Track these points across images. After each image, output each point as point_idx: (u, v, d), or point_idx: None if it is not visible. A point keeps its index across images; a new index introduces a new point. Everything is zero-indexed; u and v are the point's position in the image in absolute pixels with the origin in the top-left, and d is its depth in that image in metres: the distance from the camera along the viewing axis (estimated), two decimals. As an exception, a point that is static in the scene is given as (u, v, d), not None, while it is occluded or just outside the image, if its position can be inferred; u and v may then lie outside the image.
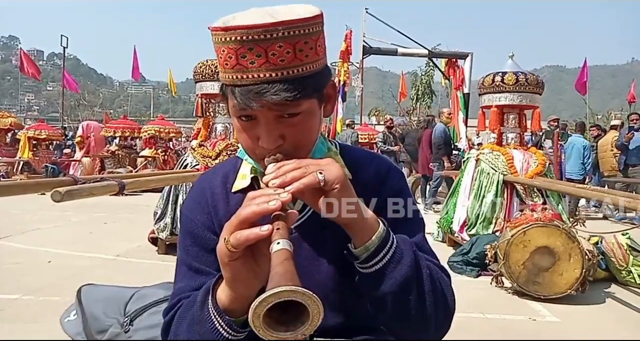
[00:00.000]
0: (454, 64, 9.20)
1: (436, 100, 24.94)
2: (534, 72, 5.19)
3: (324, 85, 0.84)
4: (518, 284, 3.32)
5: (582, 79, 16.76)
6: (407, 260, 0.78)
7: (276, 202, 0.67)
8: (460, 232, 4.65)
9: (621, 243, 3.81)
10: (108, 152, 11.01)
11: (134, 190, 2.62)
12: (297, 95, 0.77)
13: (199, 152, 4.43)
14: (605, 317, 3.12)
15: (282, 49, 0.75)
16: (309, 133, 0.84)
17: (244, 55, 0.76)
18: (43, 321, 2.61)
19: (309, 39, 0.78)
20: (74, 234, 5.24)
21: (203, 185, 0.97)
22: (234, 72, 0.78)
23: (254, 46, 0.75)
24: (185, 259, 0.91)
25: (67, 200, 1.81)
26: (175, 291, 0.91)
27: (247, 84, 0.77)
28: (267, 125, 0.80)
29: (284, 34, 0.75)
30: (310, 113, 0.82)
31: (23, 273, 3.65)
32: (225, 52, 0.77)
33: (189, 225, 0.93)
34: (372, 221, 0.78)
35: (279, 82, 0.76)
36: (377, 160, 0.98)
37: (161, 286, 1.89)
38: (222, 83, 0.85)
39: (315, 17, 0.78)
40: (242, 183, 0.93)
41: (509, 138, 4.93)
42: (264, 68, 0.76)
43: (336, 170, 0.74)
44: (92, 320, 1.83)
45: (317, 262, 0.88)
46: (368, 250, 0.77)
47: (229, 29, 0.75)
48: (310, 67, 0.79)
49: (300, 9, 0.79)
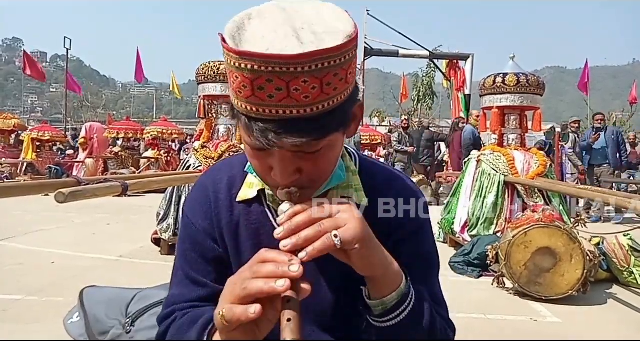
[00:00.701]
0: (455, 65, 9.20)
1: (437, 102, 24.94)
2: (535, 73, 5.19)
3: (351, 114, 0.72)
4: (519, 285, 3.33)
5: (584, 79, 16.76)
6: (422, 322, 0.75)
7: (285, 282, 0.61)
8: (462, 232, 4.65)
9: (623, 244, 3.80)
10: (111, 153, 11.04)
11: (137, 191, 2.64)
12: (321, 134, 0.67)
13: (201, 153, 4.45)
14: (607, 318, 3.12)
15: (307, 84, 0.62)
16: (328, 167, 0.75)
17: (261, 87, 0.63)
18: (45, 322, 2.62)
19: (339, 70, 0.64)
20: (77, 235, 5.25)
21: (207, 186, 0.90)
22: (248, 103, 0.65)
23: (273, 78, 0.62)
24: (183, 265, 0.88)
25: (70, 201, 1.82)
26: (170, 299, 0.88)
27: (263, 118, 0.65)
28: (283, 161, 0.70)
29: (310, 68, 0.61)
30: (332, 146, 0.72)
31: (26, 274, 3.66)
32: (239, 79, 0.64)
33: (189, 229, 0.89)
34: (394, 274, 0.73)
35: (301, 121, 0.64)
36: (397, 184, 0.89)
37: (163, 288, 1.89)
38: (231, 103, 0.72)
39: (350, 42, 0.64)
40: (248, 193, 0.87)
41: (510, 139, 4.93)
42: (285, 104, 0.63)
43: (354, 228, 0.66)
44: (95, 322, 1.84)
45: (321, 278, 0.84)
46: (385, 306, 0.73)
47: (243, 55, 0.62)
48: (339, 99, 0.67)
49: (335, 21, 0.66)
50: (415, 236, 0.87)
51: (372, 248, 0.69)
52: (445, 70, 9.86)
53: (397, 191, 0.87)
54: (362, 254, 0.67)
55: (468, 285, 3.70)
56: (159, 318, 0.88)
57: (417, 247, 0.86)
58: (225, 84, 4.46)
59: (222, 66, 4.44)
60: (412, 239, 0.86)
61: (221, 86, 4.48)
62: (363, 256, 0.68)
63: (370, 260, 0.69)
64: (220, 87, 4.48)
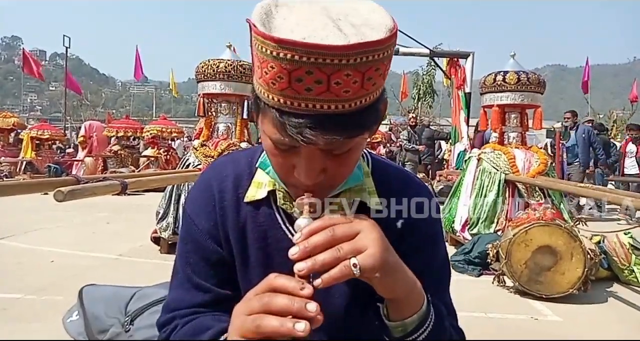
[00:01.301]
0: (456, 64, 9.16)
1: (437, 100, 24.93)
2: (536, 71, 5.18)
3: (382, 113, 0.68)
4: (520, 283, 3.32)
5: (584, 78, 16.77)
6: (439, 338, 0.73)
7: (305, 327, 0.56)
8: (462, 231, 4.64)
9: (623, 243, 3.80)
10: (110, 151, 11.03)
11: (136, 189, 2.63)
12: (357, 133, 0.64)
13: (201, 152, 4.44)
14: (608, 316, 3.11)
15: (350, 78, 0.58)
16: (351, 166, 0.72)
17: (299, 78, 0.58)
18: (45, 320, 2.61)
19: (380, 64, 0.61)
20: (76, 234, 5.25)
21: (211, 184, 0.85)
22: (282, 96, 0.60)
23: (314, 70, 0.57)
24: (184, 267, 0.84)
25: (69, 200, 1.81)
26: (170, 303, 0.85)
27: (297, 113, 0.60)
28: (310, 160, 0.66)
29: (355, 60, 0.57)
30: (359, 145, 0.69)
31: (26, 273, 3.66)
32: (275, 69, 0.58)
33: (191, 230, 0.84)
34: (417, 296, 0.70)
35: (338, 117, 0.61)
36: (411, 186, 0.86)
37: (163, 286, 1.89)
38: (256, 94, 0.66)
39: (392, 36, 0.61)
40: (256, 193, 0.82)
41: (510, 137, 4.92)
42: (323, 98, 0.59)
43: (374, 254, 0.61)
44: (94, 320, 1.84)
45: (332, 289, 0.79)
46: (405, 328, 0.70)
47: (283, 43, 0.56)
48: (374, 95, 0.64)
49: (372, 13, 0.62)
50: (430, 242, 0.84)
51: (393, 274, 0.65)
52: (446, 69, 9.83)
53: (412, 193, 0.84)
54: (382, 280, 0.64)
55: (468, 283, 3.70)
56: (159, 324, 0.85)
57: (432, 255, 0.84)
58: (225, 82, 4.44)
59: (222, 64, 4.43)
60: (426, 246, 0.83)
61: (220, 84, 4.46)
62: (383, 284, 0.65)
63: (392, 286, 0.66)
64: (220, 85, 4.47)
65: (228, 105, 4.65)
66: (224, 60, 4.47)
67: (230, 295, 0.81)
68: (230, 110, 4.66)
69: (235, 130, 4.64)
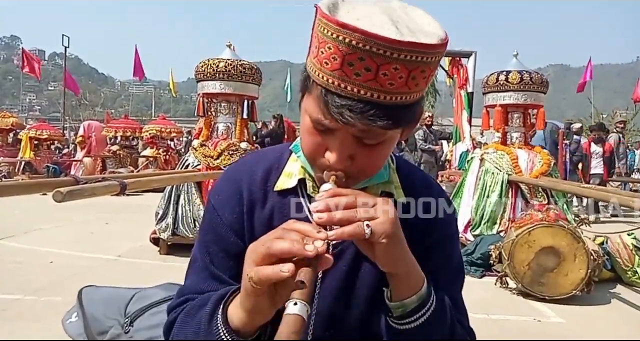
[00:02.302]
0: (458, 63, 9.13)
1: (440, 99, 24.95)
2: (538, 71, 5.17)
3: (418, 116, 0.73)
4: (523, 284, 3.30)
5: (584, 78, 16.77)
6: (442, 328, 0.75)
7: (313, 248, 0.59)
8: (465, 232, 4.62)
9: (627, 244, 3.79)
10: (109, 151, 11.01)
11: (135, 190, 2.61)
12: (392, 126, 0.67)
13: (200, 152, 4.42)
14: (611, 318, 3.10)
15: (397, 72, 0.64)
16: (380, 161, 0.76)
17: (351, 63, 0.63)
18: (44, 321, 2.60)
19: (426, 67, 0.66)
20: (75, 234, 5.23)
21: (241, 178, 0.86)
22: (332, 76, 0.65)
23: (366, 57, 0.62)
24: (203, 256, 0.85)
25: (68, 200, 1.81)
26: (184, 288, 0.85)
27: (342, 95, 0.65)
28: (343, 143, 0.70)
29: (405, 57, 0.63)
30: (391, 141, 0.73)
31: (25, 273, 3.64)
32: (331, 50, 0.64)
33: (214, 220, 0.85)
34: (416, 277, 0.73)
35: (378, 106, 0.65)
36: (433, 188, 0.90)
37: (162, 287, 1.88)
38: (307, 72, 0.71)
39: (443, 45, 0.66)
40: (286, 182, 0.84)
41: (513, 137, 4.91)
42: (368, 86, 0.64)
43: (386, 223, 0.66)
44: (93, 321, 1.83)
45: (351, 284, 0.83)
46: (405, 308, 0.73)
47: (345, 27, 0.62)
48: (415, 96, 0.68)
49: (427, 25, 0.67)
50: (448, 242, 0.87)
51: (398, 245, 0.69)
52: (448, 68, 9.80)
53: (434, 194, 0.87)
54: (387, 249, 0.67)
55: (471, 284, 3.67)
56: (170, 307, 0.85)
57: (448, 254, 0.87)
58: (225, 82, 4.42)
59: (222, 64, 4.41)
60: (444, 245, 0.86)
61: (220, 84, 4.44)
62: (387, 251, 0.67)
63: (393, 256, 0.69)
64: (219, 85, 4.45)
65: (228, 104, 4.63)
66: (224, 60, 4.45)
67: None
68: (230, 109, 4.64)
69: (235, 129, 4.62)
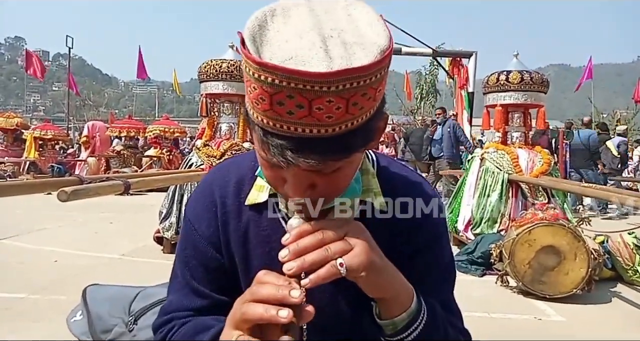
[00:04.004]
0: (458, 63, 9.14)
1: (440, 99, 24.93)
2: (539, 70, 5.17)
3: (376, 131, 0.66)
4: (523, 283, 3.31)
5: (583, 78, 16.73)
6: (435, 336, 0.74)
7: (288, 313, 0.58)
8: (465, 231, 4.64)
9: (627, 243, 3.79)
10: (113, 151, 11.06)
11: (139, 189, 2.63)
12: (342, 156, 0.62)
13: (203, 152, 4.44)
14: (611, 317, 3.10)
15: (332, 104, 0.56)
16: (343, 184, 0.70)
17: (280, 102, 0.56)
18: (49, 320, 2.62)
19: (368, 89, 0.58)
20: (79, 234, 5.26)
21: (213, 190, 0.85)
22: (265, 117, 0.59)
23: (295, 95, 0.55)
24: (183, 272, 0.84)
25: (73, 200, 1.82)
26: (167, 306, 0.85)
27: (280, 134, 0.59)
28: (297, 178, 0.65)
29: (337, 87, 0.55)
30: (351, 163, 0.67)
31: (29, 272, 3.68)
32: (257, 91, 0.58)
33: (191, 235, 0.84)
34: (404, 296, 0.71)
35: (322, 141, 0.59)
36: (416, 186, 0.86)
37: (166, 286, 1.87)
38: (246, 110, 0.66)
39: (383, 59, 0.57)
40: (258, 196, 0.81)
41: (513, 137, 4.92)
42: (305, 122, 0.57)
43: (360, 254, 0.63)
44: (97, 320, 1.84)
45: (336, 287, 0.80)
46: (395, 326, 0.71)
47: (264, 66, 0.55)
48: (364, 118, 0.60)
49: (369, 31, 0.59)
50: (435, 243, 0.84)
51: (379, 273, 0.66)
52: (449, 68, 9.80)
53: (417, 193, 0.84)
54: (369, 280, 0.65)
55: (471, 283, 3.69)
56: (155, 325, 0.84)
57: (437, 255, 0.85)
58: (227, 82, 4.45)
59: (224, 64, 4.43)
60: (431, 246, 0.83)
61: (223, 84, 4.47)
62: (369, 282, 0.66)
63: (377, 285, 0.67)
64: (222, 85, 4.47)
65: (230, 105, 4.66)
66: (227, 61, 4.48)
67: (229, 301, 0.79)
68: (232, 110, 4.66)
69: (238, 130, 4.64)
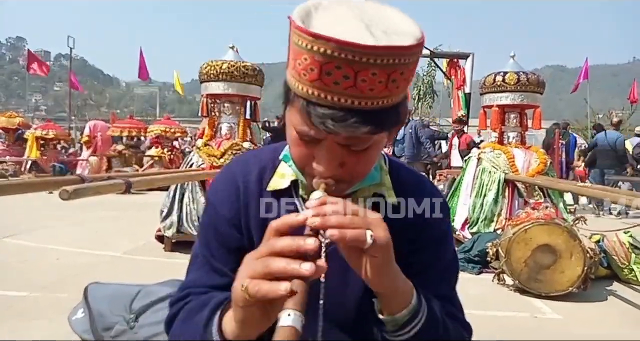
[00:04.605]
0: (456, 64, 9.17)
1: (438, 100, 24.92)
2: (535, 71, 5.19)
3: (403, 118, 0.72)
4: (519, 281, 3.34)
5: (579, 79, 16.71)
6: (435, 334, 0.76)
7: (310, 267, 0.57)
8: (462, 230, 4.66)
9: (623, 241, 3.81)
10: (115, 151, 11.09)
11: (140, 188, 2.66)
12: (376, 130, 0.66)
13: (204, 151, 4.48)
14: (607, 315, 3.13)
15: (375, 77, 0.62)
16: (370, 164, 0.76)
17: (329, 72, 0.62)
18: (50, 318, 2.64)
19: (405, 69, 0.65)
20: (80, 232, 5.28)
21: (237, 177, 0.88)
22: (311, 87, 0.64)
23: (343, 66, 0.61)
24: (204, 252, 0.87)
25: (74, 199, 1.84)
26: (187, 282, 0.87)
27: (324, 104, 0.64)
28: (330, 151, 0.70)
29: (382, 61, 0.61)
30: (378, 144, 0.73)
31: (31, 271, 3.70)
32: (308, 61, 0.63)
33: (213, 218, 0.88)
34: (404, 292, 0.73)
35: (360, 113, 0.64)
36: (425, 187, 0.90)
37: (167, 284, 1.92)
38: (287, 85, 0.70)
39: (419, 45, 0.64)
40: (279, 182, 0.85)
41: (510, 137, 4.95)
42: (348, 93, 0.63)
43: (384, 236, 0.65)
44: (99, 318, 1.86)
45: (345, 283, 0.83)
46: (396, 323, 0.73)
47: (319, 38, 0.60)
48: (397, 98, 0.67)
49: (402, 25, 0.66)
50: (439, 241, 0.87)
51: (389, 259, 0.68)
52: (446, 69, 9.83)
53: (425, 194, 0.87)
54: (379, 264, 0.66)
55: (468, 281, 3.70)
56: (172, 300, 0.87)
57: (441, 253, 0.87)
58: (228, 82, 4.48)
59: (225, 65, 4.46)
60: (434, 244, 0.86)
61: (223, 85, 4.50)
62: (378, 266, 0.66)
63: (383, 273, 0.68)
64: (223, 86, 4.50)
65: (231, 105, 4.69)
66: (227, 61, 4.51)
67: None
68: (233, 110, 4.69)
69: (238, 130, 4.68)
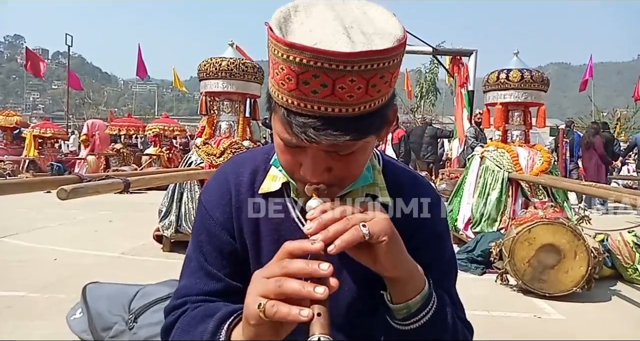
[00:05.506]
0: (459, 61, 9.15)
1: (440, 98, 24.93)
2: (539, 69, 5.17)
3: (389, 119, 0.71)
4: (523, 282, 3.31)
5: (585, 76, 16.76)
6: (445, 324, 0.76)
7: (324, 291, 0.58)
8: (465, 229, 4.64)
9: (627, 241, 3.79)
10: (113, 150, 11.06)
11: (138, 188, 2.63)
12: (359, 137, 0.66)
13: (203, 150, 4.44)
14: (611, 315, 3.10)
15: (354, 83, 0.62)
16: (359, 167, 0.75)
17: (306, 81, 0.62)
18: (49, 318, 2.62)
19: (385, 72, 0.64)
20: (79, 232, 5.26)
21: (228, 179, 0.88)
22: (290, 96, 0.64)
23: (320, 74, 0.61)
24: (198, 256, 0.86)
25: (72, 198, 1.83)
26: (181, 289, 0.86)
27: (303, 113, 0.64)
28: (315, 159, 0.70)
29: (359, 67, 0.61)
30: (365, 148, 0.72)
31: (29, 271, 3.67)
32: (285, 71, 0.63)
33: (206, 221, 0.87)
34: (418, 278, 0.73)
35: (341, 120, 0.64)
36: (420, 187, 0.89)
37: (166, 284, 1.89)
38: (269, 93, 0.70)
39: (399, 46, 0.63)
40: (271, 185, 0.85)
41: (513, 135, 4.92)
42: (328, 101, 0.63)
43: (382, 222, 0.66)
44: (97, 318, 1.84)
45: (341, 278, 0.81)
46: (409, 309, 0.73)
47: (293, 47, 0.60)
48: (380, 101, 0.66)
49: (385, 25, 0.65)
50: (436, 241, 0.87)
51: (398, 244, 0.69)
52: (449, 67, 9.80)
53: (420, 193, 0.87)
54: (389, 249, 0.67)
55: (471, 281, 3.69)
56: (168, 308, 0.86)
57: (437, 253, 0.87)
58: (227, 80, 4.44)
59: (224, 62, 4.43)
60: (432, 244, 0.86)
61: (223, 82, 4.46)
62: (389, 252, 0.67)
63: (396, 258, 0.68)
64: (222, 84, 4.47)
65: (230, 103, 4.65)
66: (226, 59, 4.47)
67: (241, 287, 0.82)
68: (232, 108, 4.66)
69: (238, 128, 4.64)
